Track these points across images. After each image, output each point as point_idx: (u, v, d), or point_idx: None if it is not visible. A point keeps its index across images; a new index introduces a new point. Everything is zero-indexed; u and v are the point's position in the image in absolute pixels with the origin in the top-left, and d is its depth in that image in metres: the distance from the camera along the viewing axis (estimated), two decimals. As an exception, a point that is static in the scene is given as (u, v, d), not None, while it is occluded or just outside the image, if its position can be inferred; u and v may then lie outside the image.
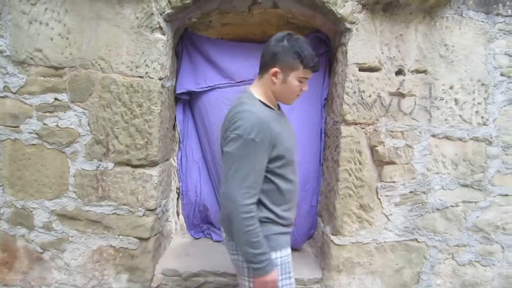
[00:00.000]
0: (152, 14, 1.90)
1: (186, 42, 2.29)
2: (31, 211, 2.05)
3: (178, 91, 2.29)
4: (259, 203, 1.37)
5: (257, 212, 1.33)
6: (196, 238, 2.50)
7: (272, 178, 1.37)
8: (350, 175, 2.03)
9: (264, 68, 1.40)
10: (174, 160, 2.46)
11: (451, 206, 2.10)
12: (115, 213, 2.03)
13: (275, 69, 1.36)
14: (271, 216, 1.39)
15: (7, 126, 2.00)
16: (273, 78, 1.37)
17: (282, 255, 1.42)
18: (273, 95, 1.42)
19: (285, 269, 1.42)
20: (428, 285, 2.14)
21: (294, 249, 2.00)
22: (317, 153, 2.34)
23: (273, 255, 1.38)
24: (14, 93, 1.97)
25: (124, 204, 2.02)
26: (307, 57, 1.34)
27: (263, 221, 1.38)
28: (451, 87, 2.03)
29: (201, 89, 2.30)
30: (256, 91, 1.43)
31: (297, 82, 1.38)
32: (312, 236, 2.48)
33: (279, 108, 1.52)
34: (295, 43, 1.34)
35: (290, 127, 1.54)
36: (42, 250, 2.07)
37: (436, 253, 2.13)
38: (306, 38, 1.41)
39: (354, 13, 1.92)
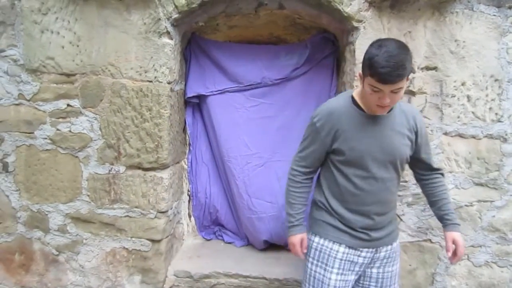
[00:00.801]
0: (159, 19, 1.92)
1: (194, 46, 2.30)
2: (46, 214, 2.10)
3: (188, 95, 2.31)
4: (320, 185, 1.54)
5: (309, 184, 1.54)
6: (208, 240, 2.52)
7: (332, 167, 1.47)
8: (360, 175, 2.00)
9: None
10: (185, 163, 2.48)
11: (466, 205, 2.05)
12: (127, 215, 2.06)
13: (360, 72, 1.36)
14: (324, 202, 1.50)
15: (22, 132, 2.06)
16: (360, 81, 1.38)
17: (324, 243, 1.48)
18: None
19: (322, 257, 1.47)
20: (443, 286, 2.09)
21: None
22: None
23: (313, 238, 1.52)
24: (28, 100, 2.03)
25: (136, 207, 2.05)
26: (375, 65, 1.22)
27: (318, 204, 1.53)
28: (463, 84, 1.98)
29: (211, 93, 2.31)
30: (357, 90, 1.47)
31: (369, 90, 1.29)
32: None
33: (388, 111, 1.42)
34: (373, 50, 1.25)
35: (381, 135, 1.40)
36: (57, 253, 2.13)
37: (451, 253, 2.08)
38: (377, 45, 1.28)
39: (361, 11, 1.90)
